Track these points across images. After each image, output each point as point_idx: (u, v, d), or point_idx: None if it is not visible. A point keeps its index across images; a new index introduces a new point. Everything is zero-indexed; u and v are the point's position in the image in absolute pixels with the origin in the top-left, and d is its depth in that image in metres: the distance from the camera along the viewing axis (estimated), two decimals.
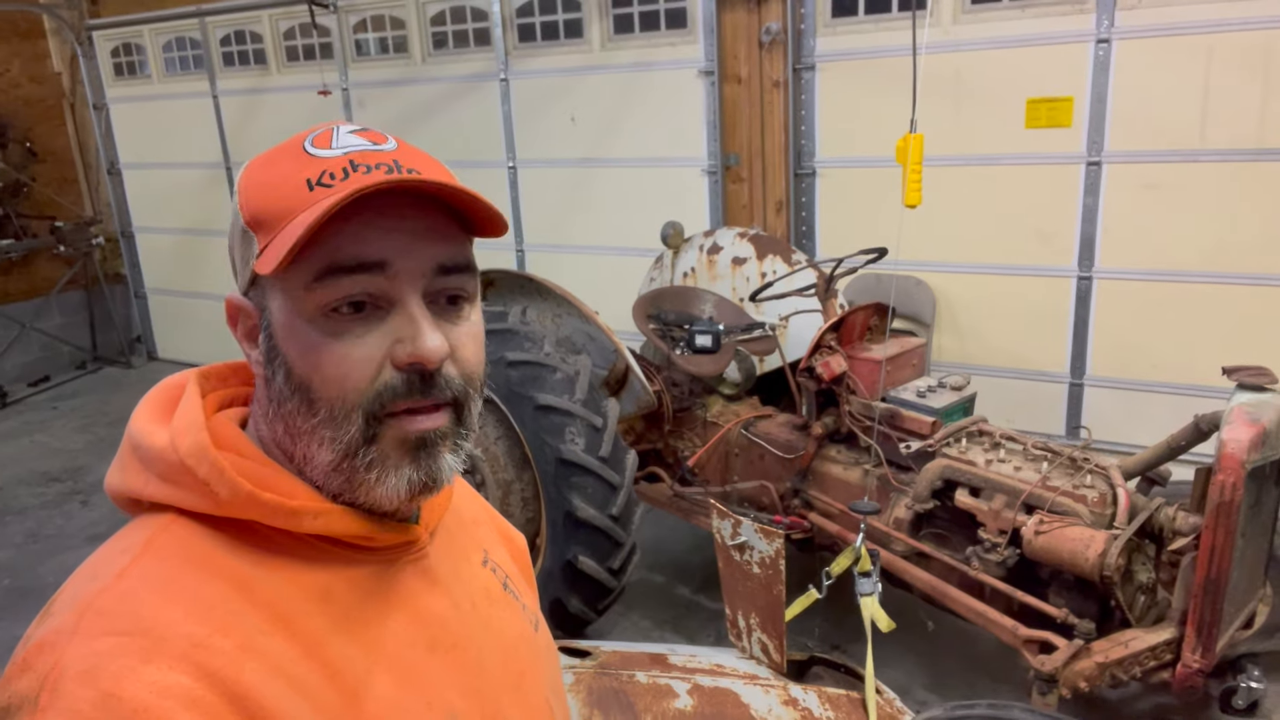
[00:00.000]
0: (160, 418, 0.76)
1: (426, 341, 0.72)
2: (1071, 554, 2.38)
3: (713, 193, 4.84)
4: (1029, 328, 4.33)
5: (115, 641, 0.63)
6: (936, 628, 3.08)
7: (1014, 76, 4.06)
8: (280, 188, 0.73)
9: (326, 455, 0.74)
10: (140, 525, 0.74)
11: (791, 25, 4.48)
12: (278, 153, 0.77)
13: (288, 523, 0.73)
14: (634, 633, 3.53)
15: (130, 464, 0.76)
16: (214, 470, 0.71)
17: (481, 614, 0.88)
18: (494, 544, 1.00)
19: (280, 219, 0.72)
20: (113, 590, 0.67)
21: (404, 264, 0.73)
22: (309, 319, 0.72)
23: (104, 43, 6.91)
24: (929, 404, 2.95)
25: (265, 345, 0.76)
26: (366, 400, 0.73)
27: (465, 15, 5.33)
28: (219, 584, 0.70)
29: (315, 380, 0.73)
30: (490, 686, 0.84)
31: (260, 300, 0.76)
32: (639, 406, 3.20)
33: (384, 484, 0.74)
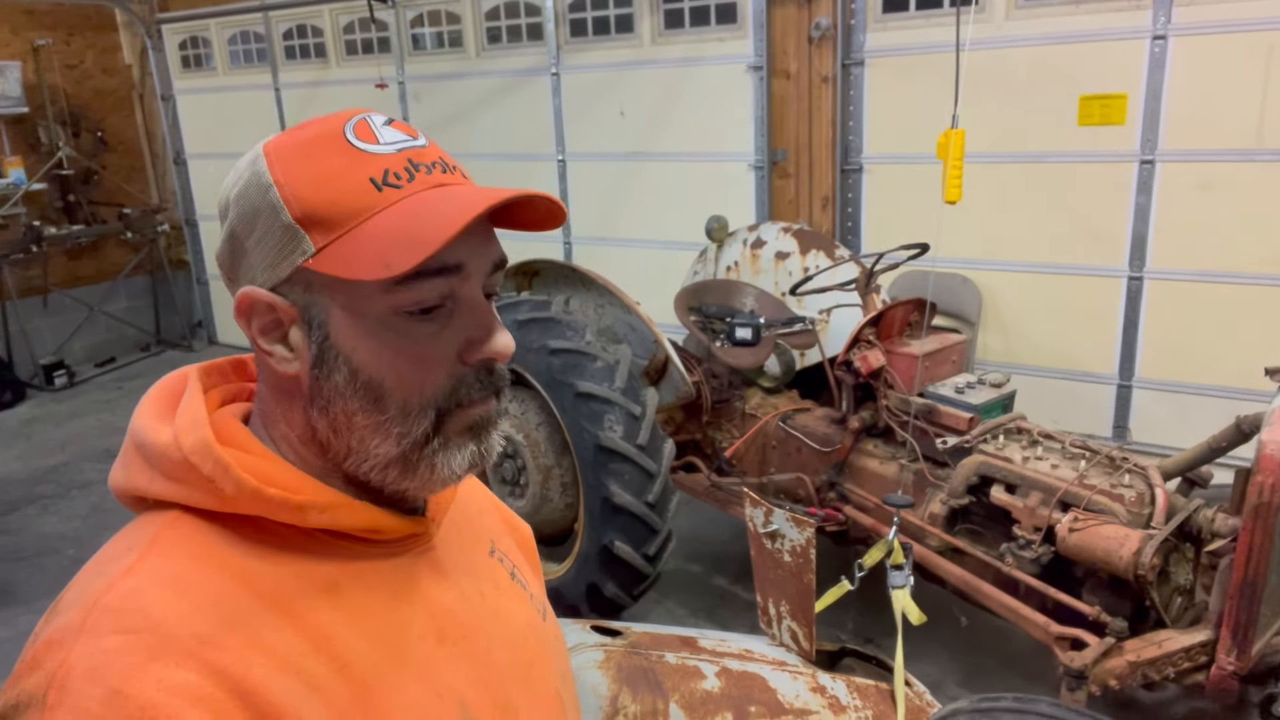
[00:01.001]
0: (163, 415, 0.76)
1: (503, 340, 0.76)
2: (1105, 552, 2.37)
3: (759, 188, 4.86)
4: (1077, 328, 4.28)
5: (122, 639, 0.63)
6: (972, 624, 3.08)
7: (1067, 73, 4.01)
8: (339, 185, 0.72)
9: (391, 449, 0.75)
10: (145, 522, 0.74)
11: (841, 20, 4.48)
12: (315, 143, 0.74)
13: (293, 517, 0.73)
14: (669, 619, 3.58)
15: (134, 461, 0.75)
16: (218, 467, 0.71)
17: (490, 604, 0.88)
18: (500, 534, 1.01)
19: (348, 218, 0.71)
20: (119, 588, 0.67)
21: (475, 265, 0.75)
22: (381, 320, 0.73)
23: (172, 36, 7.15)
24: (967, 400, 2.94)
25: (316, 345, 0.74)
26: (441, 397, 0.75)
27: (519, 10, 5.41)
28: (225, 580, 0.70)
29: (389, 380, 0.73)
30: (500, 677, 0.84)
31: (301, 298, 0.74)
32: (678, 397, 3.25)
33: (448, 465, 0.76)
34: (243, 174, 0.75)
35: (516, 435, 3.30)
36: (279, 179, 0.72)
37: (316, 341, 0.74)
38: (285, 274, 0.73)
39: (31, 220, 6.83)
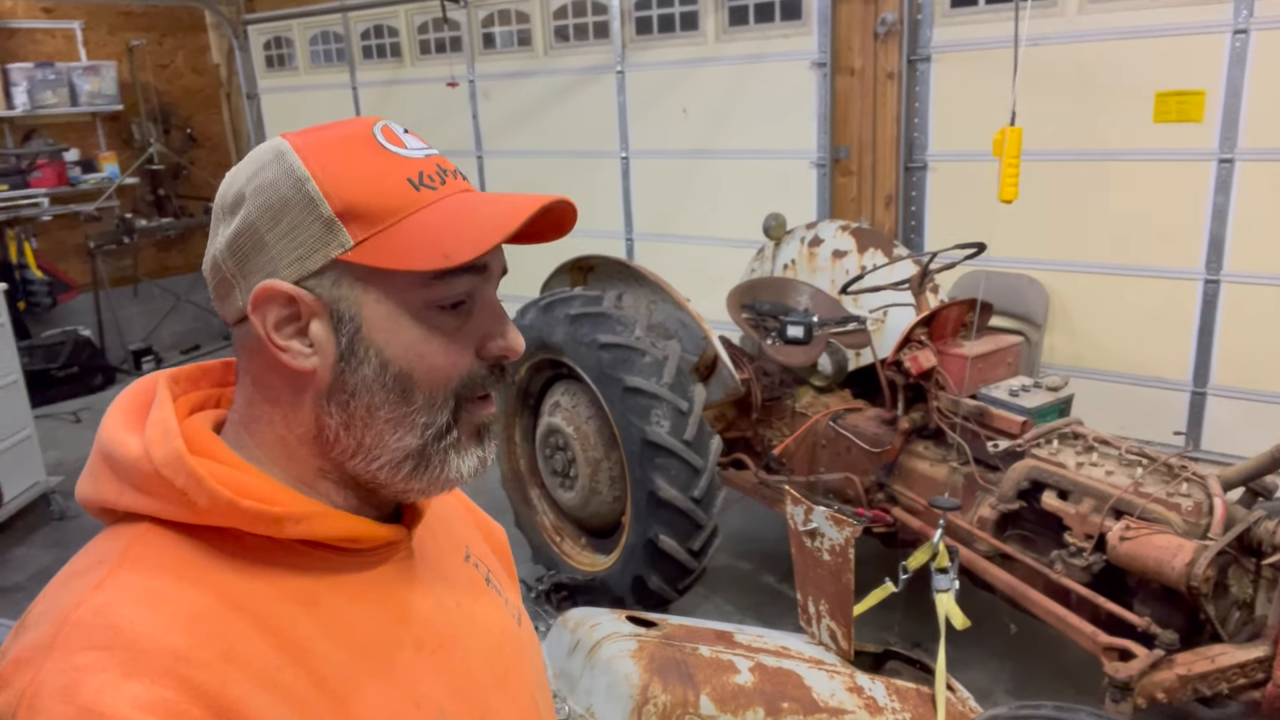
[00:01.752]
0: (132, 425, 0.74)
1: (517, 338, 0.80)
2: (1157, 562, 2.30)
3: (821, 185, 4.82)
4: (1149, 332, 4.14)
5: (94, 656, 0.62)
6: (1026, 631, 3.02)
7: (1142, 68, 3.88)
8: (380, 182, 0.74)
9: (413, 441, 0.76)
10: (114, 535, 0.72)
11: (908, 15, 4.42)
12: (349, 142, 0.76)
13: (269, 529, 0.72)
14: (715, 615, 3.59)
15: (102, 473, 0.73)
16: (191, 479, 0.69)
17: (466, 611, 0.88)
18: (474, 539, 1.00)
19: (389, 214, 0.73)
20: (90, 603, 0.65)
21: (495, 267, 0.80)
22: (415, 313, 0.75)
23: (257, 36, 7.42)
24: (1020, 403, 2.89)
25: (347, 338, 0.75)
26: (459, 387, 0.78)
27: (586, 9, 5.47)
28: (199, 593, 0.68)
29: (419, 371, 0.76)
30: (477, 685, 0.84)
31: (329, 292, 0.74)
32: (726, 393, 3.26)
33: (458, 468, 0.79)
34: (264, 166, 0.74)
35: (567, 428, 3.35)
36: (315, 173, 0.73)
37: (347, 334, 0.74)
38: (316, 266, 0.73)
39: (124, 213, 7.19)
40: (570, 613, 2.37)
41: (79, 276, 7.12)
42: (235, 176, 0.76)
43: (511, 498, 3.83)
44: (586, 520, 3.55)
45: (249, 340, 0.76)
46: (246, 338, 0.76)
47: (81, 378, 6.75)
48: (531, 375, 3.62)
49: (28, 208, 6.63)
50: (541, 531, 3.71)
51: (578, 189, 5.82)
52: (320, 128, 0.78)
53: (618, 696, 2.08)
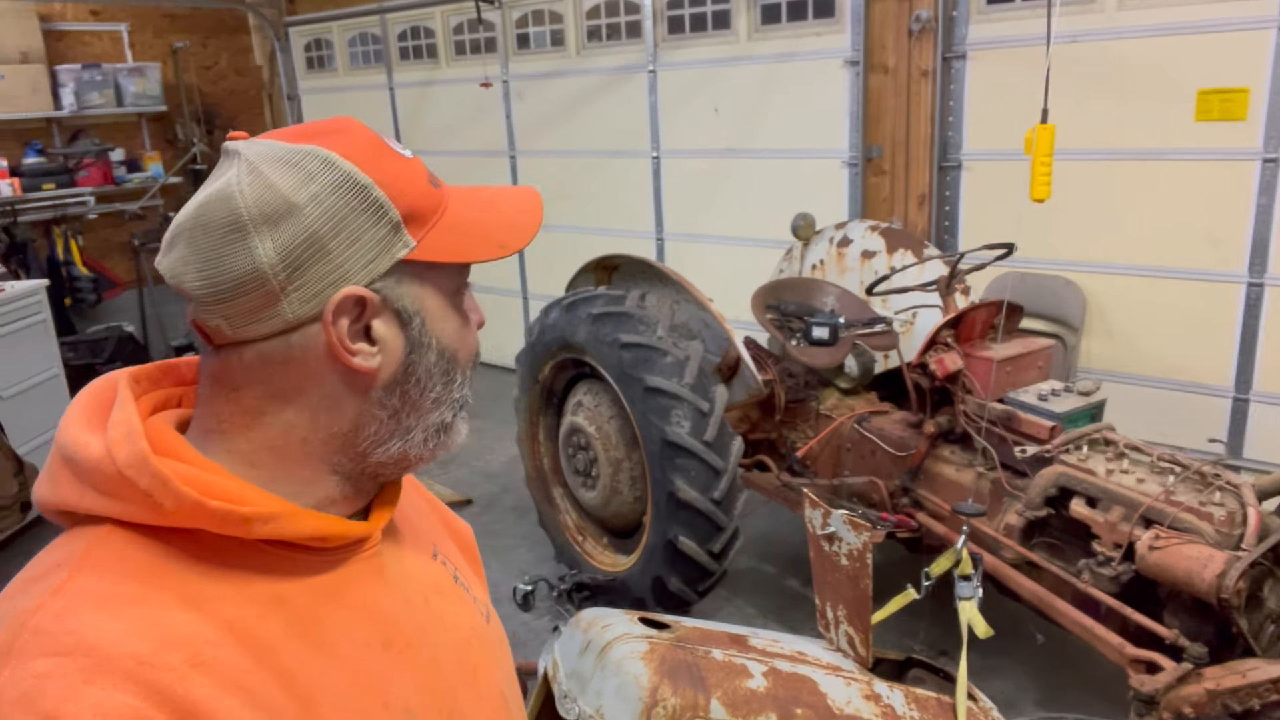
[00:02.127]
0: (93, 425, 0.72)
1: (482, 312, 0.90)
2: (1187, 573, 2.23)
3: (852, 185, 4.76)
4: (1190, 336, 4.03)
5: (55, 662, 0.61)
6: (1055, 641, 2.95)
7: (1183, 66, 3.78)
8: (417, 184, 0.79)
9: (447, 414, 0.83)
10: (75, 538, 0.71)
11: (943, 13, 4.35)
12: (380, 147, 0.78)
13: (237, 529, 0.71)
14: (738, 618, 3.56)
15: (62, 475, 0.72)
16: (156, 480, 0.68)
17: (434, 610, 0.88)
18: (441, 537, 1.01)
19: (430, 213, 0.78)
20: (49, 608, 0.64)
21: None
22: (452, 301, 0.83)
23: (298, 38, 7.53)
24: (1050, 408, 2.82)
25: (415, 332, 0.79)
26: (475, 358, 0.87)
27: (619, 8, 5.47)
28: (163, 597, 0.67)
29: (462, 353, 0.84)
30: (445, 683, 0.84)
31: (393, 291, 0.77)
32: (749, 395, 3.23)
33: (462, 430, 0.86)
34: (313, 175, 0.72)
35: (589, 427, 3.35)
36: (376, 178, 0.74)
37: (416, 328, 0.78)
38: (385, 269, 0.75)
39: (168, 212, 7.33)
40: (583, 613, 2.36)
41: (124, 274, 7.28)
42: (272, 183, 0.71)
43: (535, 496, 3.83)
44: (608, 520, 3.54)
45: (274, 353, 0.74)
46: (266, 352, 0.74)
47: None
48: (555, 374, 3.62)
49: (74, 206, 6.80)
50: (564, 531, 3.71)
51: (609, 189, 5.82)
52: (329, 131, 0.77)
53: (627, 698, 2.07)
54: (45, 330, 4.55)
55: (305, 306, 0.72)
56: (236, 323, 0.72)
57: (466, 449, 5.35)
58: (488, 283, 6.70)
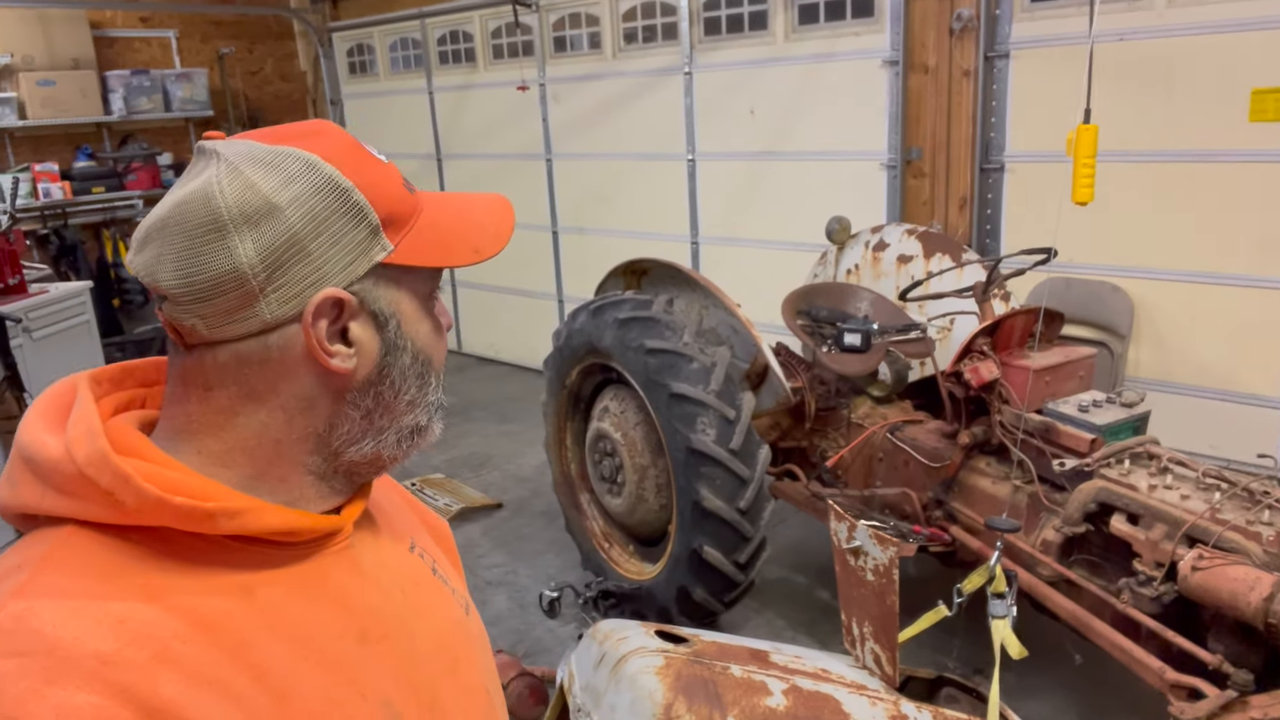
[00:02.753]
0: (52, 426, 0.71)
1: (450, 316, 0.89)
2: (1232, 595, 2.12)
3: (891, 188, 4.66)
4: (1241, 344, 3.87)
5: (15, 663, 0.60)
6: (1095, 662, 2.83)
7: (1237, 64, 3.62)
8: (393, 188, 0.79)
9: (420, 417, 0.83)
10: (35, 539, 0.70)
11: (985, 11, 4.23)
12: (358, 151, 0.78)
13: (202, 525, 0.70)
14: (766, 630, 3.49)
15: (21, 477, 0.71)
16: (117, 478, 0.67)
17: (412, 601, 0.87)
18: (419, 531, 1.00)
19: (407, 216, 0.79)
20: (9, 609, 0.64)
21: None
22: (424, 305, 0.82)
23: (341, 44, 7.61)
24: (1090, 420, 2.71)
25: (391, 334, 0.78)
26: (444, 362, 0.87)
27: (655, 10, 5.43)
28: (127, 595, 0.66)
29: (436, 355, 0.84)
30: (425, 674, 0.83)
31: (370, 293, 0.77)
32: (778, 402, 3.16)
33: (436, 430, 0.86)
34: (294, 176, 0.72)
35: (615, 433, 3.31)
36: (356, 182, 0.75)
37: (391, 330, 0.78)
38: (363, 271, 0.75)
39: None
40: (600, 624, 2.31)
41: None
42: (253, 184, 0.71)
43: (562, 502, 3.80)
44: (634, 527, 3.49)
45: (250, 353, 0.73)
46: (243, 352, 0.73)
47: None
48: (582, 379, 3.59)
49: (123, 209, 6.95)
50: (591, 537, 3.67)
51: (644, 192, 5.78)
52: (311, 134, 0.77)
53: (640, 714, 2.02)
54: (88, 331, 4.64)
55: (284, 307, 0.72)
56: (213, 322, 0.72)
57: (498, 452, 5.32)
58: (523, 285, 6.71)
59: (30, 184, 6.40)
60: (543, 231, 6.49)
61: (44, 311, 4.35)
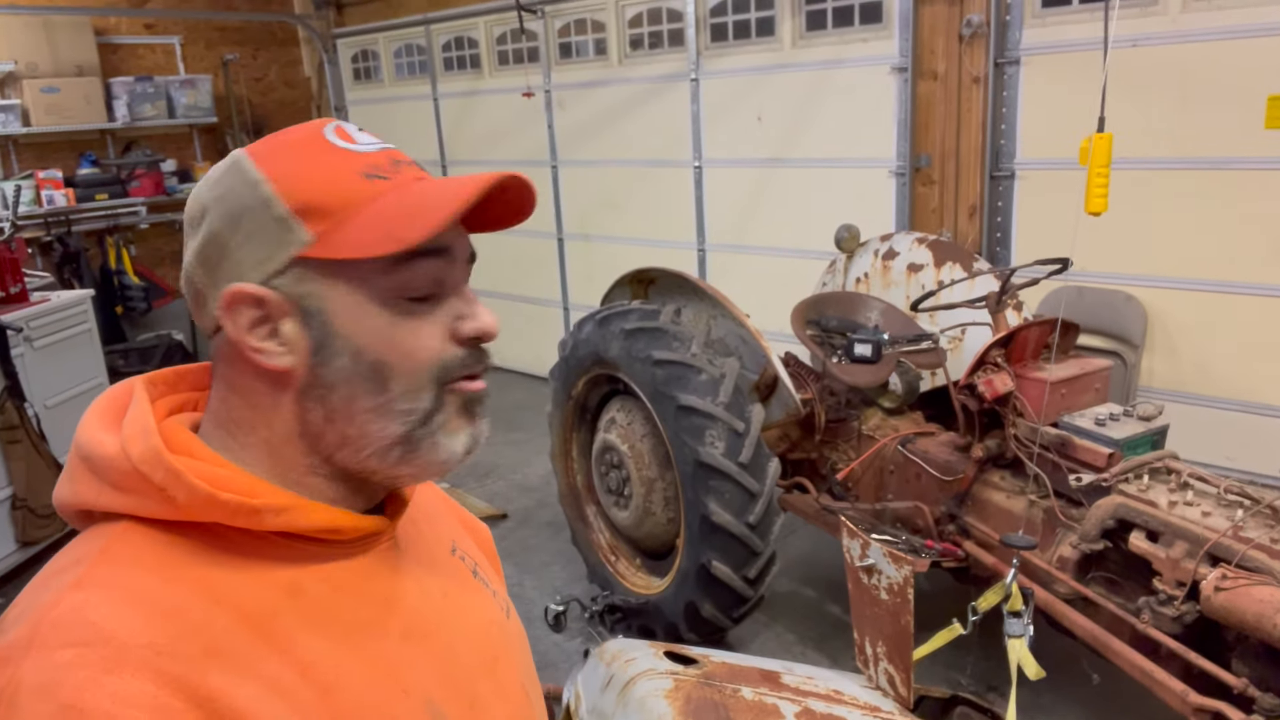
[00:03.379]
0: (109, 426, 0.75)
1: (489, 317, 0.80)
2: (1257, 616, 2.06)
3: (900, 195, 4.61)
4: (1258, 355, 3.81)
5: (74, 653, 0.62)
6: (1112, 682, 2.77)
7: (1253, 70, 3.57)
8: (332, 177, 0.75)
9: (396, 429, 0.77)
10: (93, 535, 0.73)
11: (995, 16, 4.19)
12: (300, 144, 0.78)
13: (249, 521, 0.72)
14: (776, 645, 3.43)
15: (80, 474, 0.74)
16: (169, 474, 0.70)
17: (453, 602, 0.88)
18: (460, 534, 1.01)
19: (342, 207, 0.74)
20: (68, 601, 0.66)
21: (458, 252, 0.80)
22: (382, 302, 0.76)
23: (346, 50, 7.59)
24: (1108, 433, 2.65)
25: (317, 333, 0.75)
26: (437, 371, 0.78)
27: (661, 16, 5.39)
28: (180, 589, 0.69)
29: (392, 358, 0.76)
30: (465, 673, 0.85)
31: (295, 289, 0.75)
32: (787, 414, 3.11)
33: (449, 448, 0.79)
34: (222, 177, 0.77)
35: (622, 445, 3.26)
36: (269, 175, 0.75)
37: (317, 328, 0.75)
38: (279, 266, 0.74)
39: None
40: (607, 644, 2.26)
41: (174, 282, 7.39)
42: (198, 191, 0.78)
43: (568, 514, 3.75)
44: (641, 541, 3.44)
45: (224, 347, 0.78)
46: (222, 345, 0.78)
47: None
48: (589, 390, 3.54)
49: (127, 216, 6.93)
50: (597, 550, 3.62)
51: (650, 199, 5.74)
52: (277, 134, 0.80)
53: None
54: (90, 340, 4.60)
55: (217, 304, 0.76)
56: (196, 317, 0.79)
57: (504, 461, 5.27)
58: (528, 292, 6.67)
59: (34, 191, 6.38)
60: (548, 239, 6.45)
61: (45, 320, 4.31)
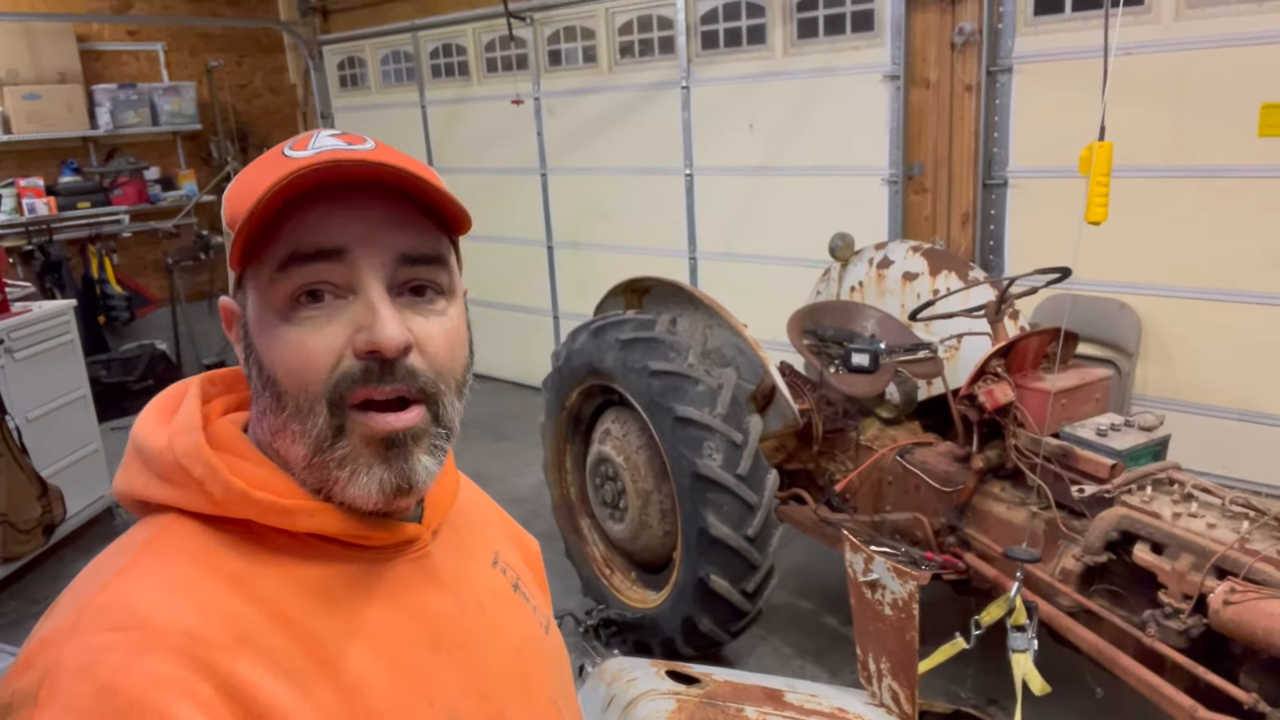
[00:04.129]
0: (162, 420, 0.78)
1: (385, 329, 0.72)
2: (1267, 631, 2.04)
3: (893, 203, 4.59)
4: (1252, 363, 3.80)
5: (112, 637, 0.64)
6: (1115, 695, 2.74)
7: (1246, 78, 3.57)
8: (253, 189, 0.73)
9: (300, 450, 0.75)
10: (142, 526, 0.76)
11: (988, 25, 4.18)
12: (261, 160, 0.79)
13: (281, 521, 0.74)
14: (773, 659, 3.39)
15: (133, 465, 0.77)
16: (208, 469, 0.72)
17: (489, 615, 0.87)
18: (505, 545, 0.99)
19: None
20: (111, 588, 0.68)
21: (364, 252, 0.73)
22: (275, 310, 0.74)
23: (332, 57, 7.52)
24: (1110, 444, 2.63)
25: (244, 342, 0.77)
26: (326, 389, 0.73)
27: (651, 24, 5.36)
28: (216, 580, 0.70)
29: (280, 371, 0.74)
30: (495, 687, 0.83)
31: (242, 300, 0.78)
32: (785, 425, 3.07)
33: (356, 484, 0.74)
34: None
35: (617, 457, 3.21)
36: (228, 192, 0.78)
37: (244, 340, 0.77)
38: (234, 279, 0.78)
39: (201, 229, 7.34)
40: (607, 664, 2.22)
41: (157, 291, 7.30)
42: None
43: (561, 526, 3.70)
44: (637, 554, 3.39)
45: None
46: None
47: (157, 390, 6.77)
48: (583, 401, 3.49)
49: (109, 224, 6.83)
50: (591, 563, 3.57)
51: (641, 207, 5.70)
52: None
53: None
54: (72, 351, 4.51)
55: None
56: None
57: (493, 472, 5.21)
58: (517, 301, 6.62)
59: (15, 199, 6.27)
60: (538, 247, 6.40)
61: (26, 331, 4.22)
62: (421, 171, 0.74)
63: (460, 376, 0.79)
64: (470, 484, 1.00)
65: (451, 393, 0.78)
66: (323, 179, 0.72)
